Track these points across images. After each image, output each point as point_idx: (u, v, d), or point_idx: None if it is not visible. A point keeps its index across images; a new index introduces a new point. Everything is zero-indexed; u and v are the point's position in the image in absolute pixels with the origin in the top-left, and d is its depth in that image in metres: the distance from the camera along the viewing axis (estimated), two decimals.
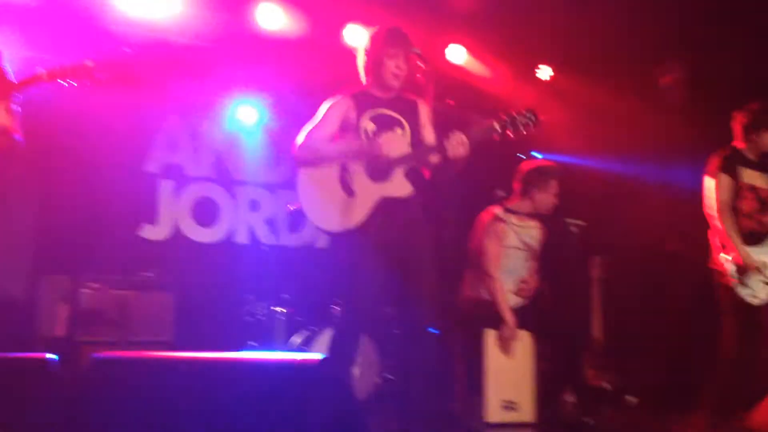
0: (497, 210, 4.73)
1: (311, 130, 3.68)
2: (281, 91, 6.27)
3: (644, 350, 5.70)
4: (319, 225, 3.64)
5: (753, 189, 4.42)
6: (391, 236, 3.56)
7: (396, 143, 3.62)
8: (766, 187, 4.45)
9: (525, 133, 3.58)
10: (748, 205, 4.40)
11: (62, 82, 3.56)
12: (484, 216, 4.76)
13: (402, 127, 3.68)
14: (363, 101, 3.70)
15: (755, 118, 4.46)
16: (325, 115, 3.71)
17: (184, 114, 6.28)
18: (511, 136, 3.59)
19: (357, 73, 3.80)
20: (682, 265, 5.62)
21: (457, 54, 6.36)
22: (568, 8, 5.71)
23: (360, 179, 3.60)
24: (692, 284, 4.96)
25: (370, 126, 3.65)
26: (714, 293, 4.42)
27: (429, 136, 3.73)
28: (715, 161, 4.45)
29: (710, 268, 4.44)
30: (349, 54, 4.02)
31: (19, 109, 3.51)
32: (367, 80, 3.77)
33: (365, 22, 3.88)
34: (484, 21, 6.02)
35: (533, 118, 3.58)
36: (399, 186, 3.61)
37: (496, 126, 3.56)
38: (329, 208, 3.58)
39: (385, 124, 3.65)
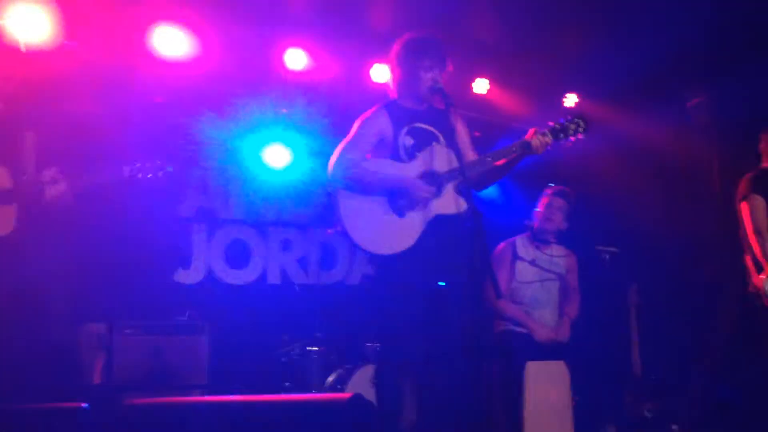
0: (511, 240, 4.76)
1: (345, 148, 3.56)
2: (310, 130, 6.32)
3: (685, 377, 5.57)
4: (366, 248, 3.47)
5: None
6: (441, 256, 3.45)
7: (441, 156, 3.50)
8: None
9: (575, 139, 3.50)
10: None
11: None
12: (498, 247, 4.77)
13: (438, 140, 3.57)
14: (397, 115, 3.58)
15: None
16: (359, 131, 3.59)
17: (215, 158, 6.36)
18: (562, 143, 3.52)
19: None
20: (720, 291, 5.52)
21: (481, 87, 6.38)
22: (591, 36, 5.72)
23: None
24: (731, 309, 4.86)
25: (408, 141, 3.55)
26: (754, 317, 4.32)
27: (464, 146, 3.61)
28: (744, 183, 4.42)
29: (749, 292, 4.35)
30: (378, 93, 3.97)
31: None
32: (399, 92, 3.66)
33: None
34: (508, 52, 6.04)
35: (583, 124, 3.50)
36: (451, 202, 3.47)
37: (549, 134, 3.48)
38: (378, 230, 3.44)
39: (422, 139, 3.55)
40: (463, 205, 3.46)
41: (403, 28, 5.22)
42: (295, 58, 5.81)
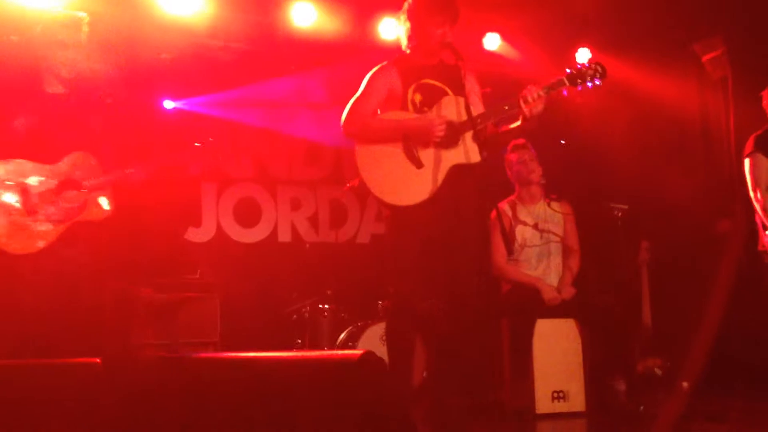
0: (505, 204, 4.74)
1: (356, 102, 3.55)
2: (318, 94, 6.28)
3: (695, 334, 5.57)
4: (386, 200, 3.47)
5: None
6: (454, 211, 3.46)
7: (452, 108, 3.47)
8: None
9: (593, 85, 3.44)
10: None
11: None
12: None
13: (447, 94, 3.54)
14: (407, 70, 3.56)
15: None
16: (369, 86, 3.57)
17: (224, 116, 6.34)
18: (580, 89, 3.46)
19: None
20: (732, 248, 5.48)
21: (492, 42, 6.29)
22: None
23: (427, 148, 3.45)
24: (742, 266, 4.83)
25: (417, 97, 3.53)
26: (761, 275, 4.32)
27: (476, 102, 3.56)
28: (749, 142, 4.43)
29: (759, 251, 4.34)
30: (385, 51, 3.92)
31: None
32: (410, 47, 3.62)
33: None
34: (519, 6, 5.94)
35: (600, 69, 3.44)
36: (469, 151, 3.45)
37: (565, 80, 3.44)
38: (397, 182, 3.44)
39: (431, 95, 3.53)
40: (477, 155, 3.45)
41: None
42: (304, 13, 5.74)
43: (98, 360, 2.82)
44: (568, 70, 3.47)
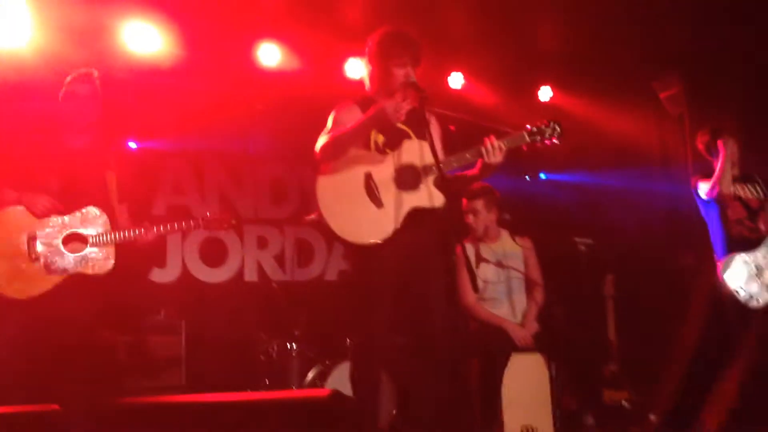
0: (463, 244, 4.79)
1: (325, 135, 3.56)
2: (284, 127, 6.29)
3: (662, 367, 5.63)
4: (344, 237, 3.46)
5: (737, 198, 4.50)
6: (415, 251, 3.47)
7: (414, 152, 3.50)
8: (752, 196, 4.49)
9: (550, 143, 3.54)
10: (733, 213, 4.48)
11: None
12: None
13: (409, 137, 3.56)
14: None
15: (711, 138, 4.61)
16: (335, 119, 3.59)
17: (190, 156, 6.32)
18: (539, 146, 3.55)
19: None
20: (695, 279, 5.57)
21: (456, 81, 6.38)
22: (566, 27, 5.74)
23: (388, 189, 3.47)
24: (706, 297, 4.90)
25: (380, 138, 3.54)
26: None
27: (438, 146, 3.56)
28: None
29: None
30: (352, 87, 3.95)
31: None
32: (372, 88, 3.65)
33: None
34: (482, 46, 6.04)
35: (558, 128, 3.55)
36: (430, 195, 3.48)
37: (526, 136, 3.52)
38: (357, 220, 3.44)
39: (394, 136, 3.54)
40: (440, 199, 3.49)
41: (376, 22, 5.24)
42: (269, 54, 5.79)
43: (56, 407, 2.75)
44: (528, 127, 3.55)
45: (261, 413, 2.80)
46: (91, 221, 3.74)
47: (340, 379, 4.85)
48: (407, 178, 3.48)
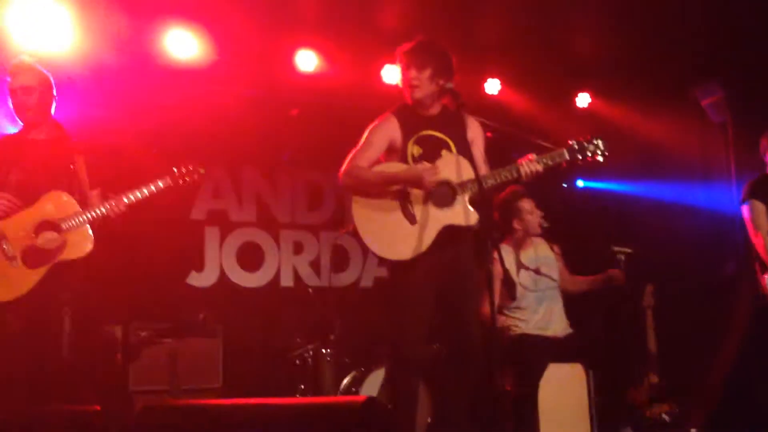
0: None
1: (354, 155, 3.56)
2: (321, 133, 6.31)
3: (703, 379, 5.52)
4: (378, 253, 3.49)
5: None
6: (452, 265, 3.47)
7: (451, 167, 3.48)
8: None
9: (591, 160, 3.49)
10: None
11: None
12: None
13: (449, 148, 3.55)
14: (408, 121, 3.57)
15: None
16: (368, 139, 3.58)
17: (228, 161, 6.37)
18: (580, 163, 3.50)
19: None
20: (736, 292, 5.47)
21: (493, 87, 6.35)
22: (605, 34, 5.68)
23: (421, 207, 3.46)
24: (746, 311, 4.81)
25: (416, 150, 3.54)
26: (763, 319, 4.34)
27: (478, 153, 3.57)
28: (745, 189, 4.57)
29: (759, 294, 4.38)
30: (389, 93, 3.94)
31: None
32: (406, 98, 3.64)
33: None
34: (519, 51, 6.01)
35: (601, 146, 3.48)
36: (464, 214, 3.46)
37: (566, 153, 3.48)
38: (389, 236, 3.45)
39: (431, 147, 3.53)
40: (474, 217, 3.46)
41: (413, 28, 5.24)
42: (306, 60, 5.83)
43: (98, 407, 2.78)
44: (570, 143, 3.48)
45: (295, 418, 2.80)
46: (59, 206, 3.63)
47: (375, 386, 4.84)
48: (442, 193, 3.47)
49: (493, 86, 6.35)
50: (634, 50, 5.78)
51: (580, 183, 7.28)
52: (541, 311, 4.66)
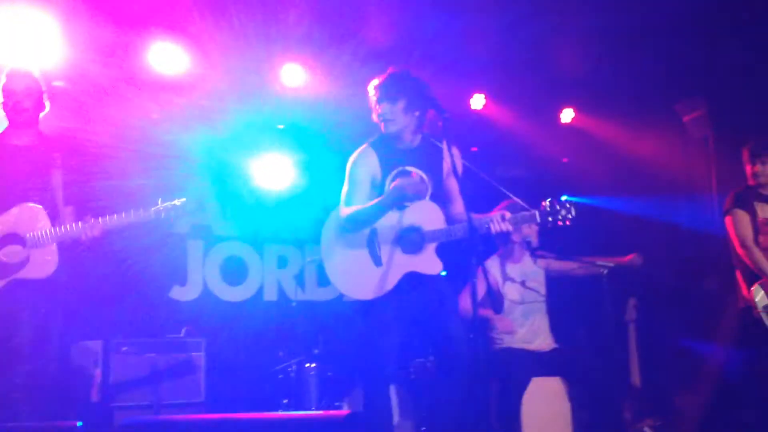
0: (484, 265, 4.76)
1: (344, 199, 3.56)
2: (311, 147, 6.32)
3: (684, 391, 5.54)
4: (340, 289, 3.60)
5: None
6: (413, 310, 3.48)
7: (425, 213, 3.50)
8: None
9: (561, 224, 3.49)
10: (766, 240, 4.40)
11: None
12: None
13: (425, 189, 3.54)
14: (386, 154, 3.56)
15: (753, 150, 4.51)
16: (351, 179, 3.58)
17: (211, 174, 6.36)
18: (549, 226, 3.52)
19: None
20: (719, 303, 5.51)
21: (478, 102, 6.39)
22: (588, 50, 5.74)
23: (389, 249, 3.48)
24: (730, 323, 4.84)
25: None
26: (749, 330, 4.35)
27: (452, 186, 3.58)
28: (728, 199, 4.55)
29: (740, 308, 4.40)
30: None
31: None
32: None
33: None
34: (504, 67, 6.05)
35: (573, 212, 3.50)
36: (429, 262, 3.48)
37: (537, 216, 3.48)
38: (353, 274, 3.48)
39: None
40: (438, 267, 3.49)
41: (400, 44, 5.27)
42: (293, 74, 5.83)
43: (78, 423, 2.76)
44: (542, 206, 3.50)
45: None
46: (29, 219, 3.48)
47: (359, 399, 4.83)
48: (411, 240, 3.49)
49: (478, 101, 6.38)
50: (617, 66, 5.83)
51: (564, 198, 7.32)
52: (527, 325, 4.67)
